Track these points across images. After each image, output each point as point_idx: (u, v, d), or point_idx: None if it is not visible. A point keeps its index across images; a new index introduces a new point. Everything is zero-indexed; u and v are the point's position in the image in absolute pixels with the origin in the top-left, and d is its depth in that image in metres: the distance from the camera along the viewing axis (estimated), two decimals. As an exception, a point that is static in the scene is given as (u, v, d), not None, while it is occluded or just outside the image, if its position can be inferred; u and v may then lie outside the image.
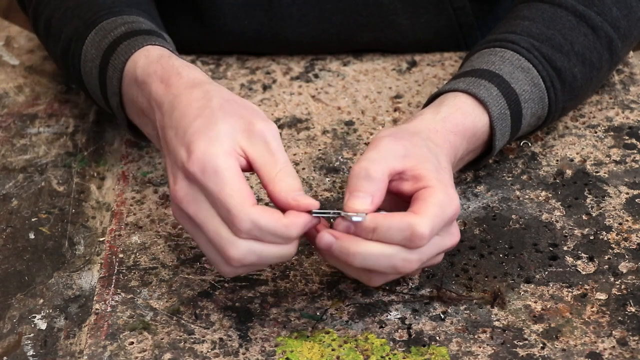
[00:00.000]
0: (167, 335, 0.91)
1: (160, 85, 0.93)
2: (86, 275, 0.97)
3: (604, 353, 0.89)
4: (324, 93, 1.17)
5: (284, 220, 0.85)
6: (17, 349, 0.91)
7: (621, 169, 1.06)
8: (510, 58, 1.02)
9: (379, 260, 0.86)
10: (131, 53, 0.98)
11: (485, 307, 0.93)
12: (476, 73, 1.01)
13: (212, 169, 0.85)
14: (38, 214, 1.03)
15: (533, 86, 1.02)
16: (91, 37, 1.03)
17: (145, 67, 0.96)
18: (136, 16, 1.04)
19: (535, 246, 0.98)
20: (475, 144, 1.00)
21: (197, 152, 0.85)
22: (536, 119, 1.04)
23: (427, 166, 0.90)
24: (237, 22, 1.19)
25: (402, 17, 1.19)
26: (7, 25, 1.31)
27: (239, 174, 0.85)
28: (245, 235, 0.84)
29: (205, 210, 0.86)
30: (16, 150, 1.11)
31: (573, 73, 1.04)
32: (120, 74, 0.99)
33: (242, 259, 0.85)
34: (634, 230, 1.00)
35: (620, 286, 0.95)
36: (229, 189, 0.84)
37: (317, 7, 1.18)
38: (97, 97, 1.05)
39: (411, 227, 0.85)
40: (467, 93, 0.99)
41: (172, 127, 0.89)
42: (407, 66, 1.21)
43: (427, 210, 0.86)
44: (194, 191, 0.86)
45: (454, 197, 0.89)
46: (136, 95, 0.97)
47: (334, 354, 0.89)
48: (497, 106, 0.99)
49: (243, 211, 0.84)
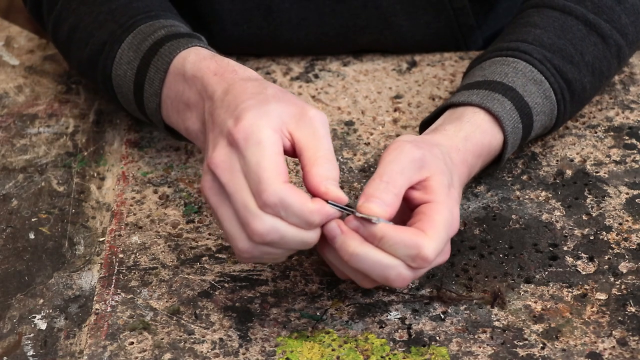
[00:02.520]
0: (167, 335, 0.91)
1: (214, 77, 0.94)
2: (86, 276, 0.97)
3: (604, 353, 0.89)
4: (324, 93, 1.17)
5: (310, 205, 0.85)
6: (17, 349, 0.91)
7: (621, 169, 1.06)
8: (523, 70, 1.02)
9: (374, 268, 0.86)
10: (176, 53, 0.99)
11: (485, 307, 0.93)
12: (489, 85, 1.01)
13: (255, 139, 0.85)
14: (38, 214, 1.03)
15: (545, 99, 1.02)
16: (129, 40, 1.04)
17: (196, 62, 0.97)
18: (172, 20, 1.05)
19: (535, 246, 0.98)
20: (486, 161, 1.01)
21: (245, 121, 0.86)
22: (542, 130, 1.04)
23: (440, 179, 0.90)
24: (237, 27, 1.19)
25: (402, 18, 1.19)
26: (7, 26, 1.31)
27: (279, 151, 0.86)
28: (271, 211, 0.84)
29: (238, 180, 0.85)
30: (16, 150, 1.11)
31: (583, 84, 1.04)
32: (163, 75, 1.00)
33: (265, 234, 0.84)
34: (634, 230, 1.00)
35: (620, 286, 0.95)
36: (266, 161, 0.84)
37: (315, 10, 1.18)
38: (128, 100, 1.05)
39: (418, 248, 0.85)
40: (481, 108, 0.99)
41: (222, 107, 0.90)
42: (407, 66, 1.21)
43: (436, 232, 0.87)
44: (232, 159, 0.86)
45: (456, 217, 0.90)
46: (182, 90, 0.98)
47: (334, 354, 0.89)
48: (510, 121, 1.00)
49: (273, 185, 0.84)
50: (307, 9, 1.18)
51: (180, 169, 1.08)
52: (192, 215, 1.02)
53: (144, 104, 1.03)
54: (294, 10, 1.18)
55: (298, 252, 0.98)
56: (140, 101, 1.03)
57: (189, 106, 0.97)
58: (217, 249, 0.99)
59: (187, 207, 1.03)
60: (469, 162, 0.97)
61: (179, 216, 1.02)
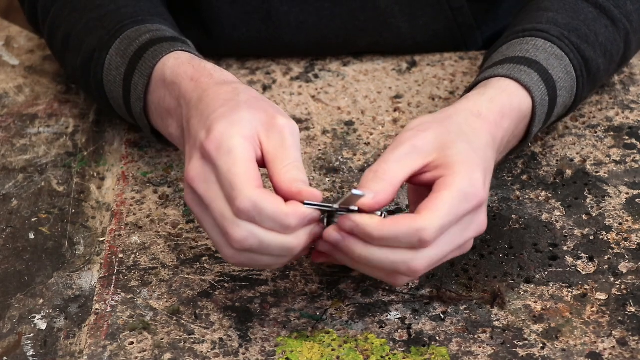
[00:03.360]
0: (167, 335, 0.91)
1: (190, 83, 0.95)
2: (86, 275, 0.97)
3: (604, 353, 0.89)
4: (324, 93, 1.17)
5: (284, 208, 0.84)
6: (17, 349, 0.91)
7: (621, 169, 1.06)
8: (543, 46, 1.02)
9: (383, 266, 0.86)
10: (159, 58, 1.00)
11: (485, 307, 0.93)
12: (513, 60, 1.00)
13: (226, 148, 0.85)
14: (38, 214, 1.03)
15: (566, 74, 1.01)
16: (116, 46, 1.04)
17: (175, 68, 0.98)
18: (159, 24, 1.05)
19: (535, 246, 0.98)
20: (519, 128, 0.98)
21: (216, 132, 0.86)
22: (563, 108, 1.04)
23: (450, 152, 0.88)
24: (236, 30, 1.19)
25: (400, 20, 1.19)
26: (7, 25, 1.31)
27: (250, 158, 0.86)
28: (245, 217, 0.84)
29: (213, 190, 0.86)
30: (16, 150, 1.11)
31: (597, 64, 1.04)
32: (147, 79, 1.00)
33: (243, 241, 0.84)
34: (634, 230, 1.00)
35: (620, 286, 0.95)
36: (237, 168, 0.85)
37: (314, 13, 1.18)
38: (119, 105, 1.05)
39: (418, 234, 0.84)
40: (509, 78, 0.98)
41: (196, 115, 0.90)
42: (407, 66, 1.21)
43: (436, 210, 0.85)
44: (206, 171, 0.86)
45: (477, 183, 0.86)
46: (163, 96, 0.98)
47: (334, 354, 0.89)
48: (539, 91, 0.98)
49: (245, 191, 0.84)
50: (306, 12, 1.18)
51: (180, 169, 1.08)
52: (192, 215, 1.02)
53: (132, 109, 1.03)
54: (293, 14, 1.18)
55: (298, 252, 0.98)
56: (128, 106, 1.03)
57: (170, 113, 0.98)
58: (217, 249, 0.99)
59: (187, 207, 1.03)
60: (499, 123, 0.94)
61: (179, 216, 1.02)
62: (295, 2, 1.17)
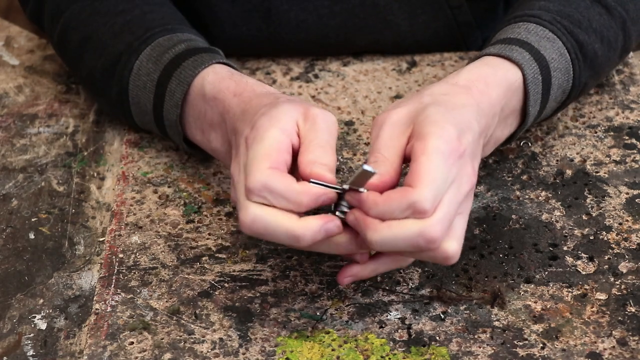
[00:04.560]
0: (167, 335, 0.91)
1: (234, 99, 0.97)
2: (86, 275, 0.97)
3: (604, 353, 0.89)
4: (324, 93, 1.17)
5: (296, 186, 0.85)
6: (17, 349, 0.91)
7: (621, 169, 1.06)
8: (534, 29, 1.02)
9: (401, 244, 0.84)
10: (201, 68, 1.01)
11: (485, 307, 0.93)
12: (504, 41, 1.00)
13: (260, 137, 0.87)
14: (38, 214, 1.03)
15: (560, 56, 1.02)
16: (147, 52, 1.05)
17: (215, 83, 0.99)
18: (188, 34, 1.07)
19: (535, 246, 0.98)
20: (512, 101, 0.97)
21: (257, 125, 0.89)
22: (561, 93, 1.03)
23: (420, 118, 0.87)
24: (236, 28, 1.19)
25: (400, 18, 1.19)
26: (7, 25, 1.31)
27: (278, 146, 0.87)
28: (257, 198, 0.84)
29: (240, 175, 0.88)
30: (16, 150, 1.11)
31: (594, 49, 1.04)
32: (186, 87, 1.01)
33: (249, 225, 0.85)
34: (634, 230, 1.00)
35: (620, 286, 0.95)
36: (260, 153, 0.86)
37: (314, 12, 1.18)
38: (143, 112, 1.06)
39: (411, 206, 0.83)
40: (499, 56, 0.98)
41: (242, 120, 0.92)
42: (407, 66, 1.21)
43: (424, 178, 0.84)
44: (241, 160, 0.89)
45: (449, 137, 0.85)
46: (204, 111, 1.00)
47: (334, 354, 0.89)
48: (530, 69, 0.98)
49: (257, 171, 0.85)
50: (306, 10, 1.18)
51: (180, 169, 1.08)
52: (192, 215, 1.02)
53: (163, 115, 1.04)
54: (292, 12, 1.18)
55: (297, 252, 0.98)
56: (159, 113, 1.04)
57: (213, 127, 0.99)
58: (217, 249, 0.99)
59: (187, 207, 1.03)
60: (480, 88, 0.93)
61: (179, 216, 1.02)
62: (295, 0, 1.17)
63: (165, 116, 1.04)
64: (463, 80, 0.95)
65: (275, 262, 0.97)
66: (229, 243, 0.99)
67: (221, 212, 1.02)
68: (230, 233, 1.00)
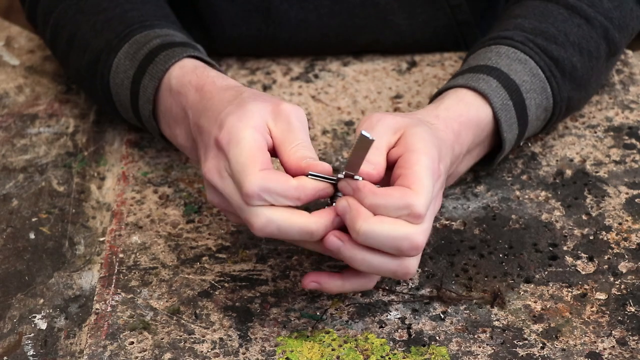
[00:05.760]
0: (167, 335, 0.91)
1: (195, 94, 0.96)
2: (86, 275, 0.97)
3: (603, 353, 0.89)
4: (324, 93, 1.17)
5: (292, 182, 0.85)
6: (17, 348, 0.91)
7: (621, 169, 1.06)
8: (506, 52, 1.03)
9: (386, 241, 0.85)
10: (171, 63, 1.01)
11: (485, 307, 0.93)
12: (473, 69, 1.02)
13: (236, 140, 0.87)
14: (38, 214, 1.04)
15: (532, 76, 1.02)
16: (125, 49, 1.05)
17: (179, 77, 0.99)
18: (167, 29, 1.07)
19: (535, 246, 0.98)
20: (480, 137, 1.00)
21: (228, 125, 0.88)
22: (543, 110, 1.04)
23: (415, 131, 0.90)
24: (236, 28, 1.19)
25: (400, 17, 1.19)
26: (7, 26, 1.31)
27: (259, 146, 0.87)
28: (256, 201, 0.85)
29: (227, 182, 0.87)
30: (16, 150, 1.11)
31: (572, 62, 1.04)
32: (157, 82, 1.01)
33: (262, 228, 0.85)
34: (634, 230, 1.00)
35: (620, 286, 0.95)
36: (244, 157, 0.86)
37: (314, 11, 1.19)
38: (125, 108, 1.06)
39: (409, 207, 0.85)
40: (467, 88, 1.00)
41: (206, 117, 0.92)
42: (407, 66, 1.21)
43: (421, 184, 0.86)
44: (220, 164, 0.88)
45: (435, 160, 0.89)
46: (170, 106, 1.00)
47: (334, 353, 0.89)
48: (498, 97, 1.00)
49: (250, 176, 0.85)
50: (306, 9, 1.18)
51: (180, 169, 1.08)
52: (192, 215, 1.02)
53: (139, 111, 1.04)
54: (292, 12, 1.18)
55: (297, 252, 0.98)
56: (136, 109, 1.04)
57: (177, 122, 0.99)
58: (217, 249, 0.99)
59: (187, 207, 1.03)
60: (456, 130, 0.96)
61: (179, 216, 1.02)
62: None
63: (141, 112, 1.04)
64: (442, 115, 0.97)
65: (275, 262, 0.97)
66: (229, 243, 0.99)
67: (221, 212, 1.02)
68: (230, 233, 1.00)
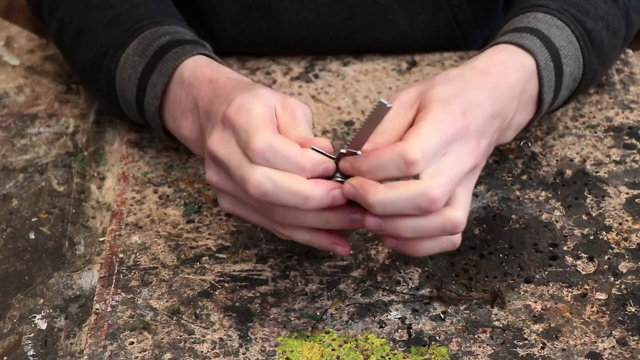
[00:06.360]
0: (167, 335, 0.91)
1: (208, 85, 0.97)
2: (86, 275, 0.97)
3: (603, 353, 0.89)
4: (324, 93, 1.17)
5: (299, 149, 0.86)
6: (17, 349, 0.91)
7: (621, 169, 1.06)
8: (543, 18, 1.02)
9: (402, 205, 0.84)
10: (182, 59, 1.01)
11: (485, 307, 0.93)
12: (514, 30, 1.01)
13: (246, 109, 0.87)
14: (38, 214, 1.03)
15: (569, 43, 1.02)
16: (133, 45, 1.05)
17: (193, 70, 1.00)
18: (176, 27, 1.07)
19: (535, 246, 0.98)
20: (529, 87, 0.98)
21: (237, 100, 0.89)
22: (572, 80, 1.03)
23: (428, 94, 0.89)
24: (236, 26, 1.19)
25: (400, 16, 1.19)
26: (7, 26, 1.31)
27: (270, 117, 0.87)
28: (260, 158, 0.84)
29: (233, 149, 0.87)
30: (16, 150, 1.11)
31: (601, 37, 1.04)
32: (167, 79, 1.01)
33: (259, 185, 0.84)
34: (634, 230, 1.00)
35: (620, 286, 0.95)
36: (254, 120, 0.86)
37: (315, 9, 1.19)
38: (128, 104, 1.06)
39: (402, 156, 0.84)
40: (510, 44, 0.98)
41: (217, 103, 0.93)
42: (407, 66, 1.21)
43: (418, 133, 0.85)
44: (225, 135, 0.88)
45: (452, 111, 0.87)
46: (180, 97, 1.00)
47: (334, 353, 0.89)
48: (542, 55, 0.99)
49: (261, 133, 0.85)
50: (307, 7, 1.18)
51: (180, 169, 1.08)
52: (192, 215, 1.02)
53: (144, 107, 1.04)
54: (293, 9, 1.18)
55: (298, 253, 0.98)
56: (140, 105, 1.04)
57: (185, 114, 0.99)
58: (217, 249, 0.99)
59: (187, 207, 1.03)
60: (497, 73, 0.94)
61: (179, 216, 1.02)
62: None
63: (146, 107, 1.04)
64: (482, 65, 0.95)
65: (275, 262, 0.97)
66: (229, 243, 0.99)
67: (221, 212, 1.02)
68: (230, 233, 1.00)
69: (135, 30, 1.06)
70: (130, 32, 1.06)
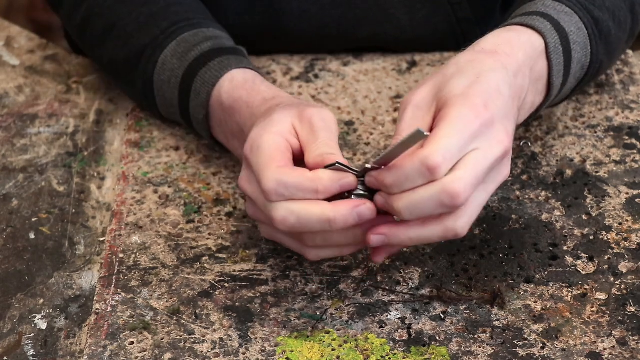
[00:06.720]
0: (167, 335, 0.91)
1: (247, 110, 0.99)
2: (86, 275, 0.97)
3: (603, 353, 0.89)
4: (324, 93, 1.17)
5: (308, 174, 0.86)
6: (17, 348, 0.91)
7: (621, 169, 1.06)
8: (552, 5, 1.02)
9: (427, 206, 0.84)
10: (226, 71, 1.03)
11: (485, 307, 0.93)
12: (524, 14, 1.00)
13: (256, 146, 0.89)
14: (38, 214, 1.03)
15: (578, 30, 1.01)
16: (172, 47, 1.06)
17: (230, 92, 1.02)
18: (213, 29, 1.08)
19: (535, 246, 0.98)
20: (538, 66, 0.97)
21: (250, 136, 0.91)
22: (580, 68, 1.03)
23: (443, 93, 0.88)
24: (239, 18, 1.20)
25: (400, 12, 1.20)
26: (7, 26, 1.31)
27: (278, 148, 0.89)
28: (275, 197, 0.86)
29: (256, 188, 0.89)
30: (16, 150, 1.11)
31: (608, 27, 1.04)
32: (210, 88, 1.03)
33: (282, 221, 0.86)
34: (634, 230, 1.00)
35: (620, 286, 0.95)
36: (263, 158, 0.88)
37: (316, 2, 1.19)
38: (169, 105, 1.08)
39: (424, 163, 0.84)
40: (520, 25, 0.98)
41: None
42: (407, 66, 1.21)
43: (438, 135, 0.85)
44: (248, 173, 0.90)
45: (474, 105, 0.86)
46: (224, 120, 1.02)
47: (334, 354, 0.89)
48: (552, 37, 0.98)
49: (267, 173, 0.87)
50: (309, 1, 1.19)
51: (180, 169, 1.08)
52: (192, 215, 1.02)
53: (190, 113, 1.06)
54: (295, 2, 1.19)
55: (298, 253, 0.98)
56: (185, 109, 1.06)
57: (234, 135, 1.02)
58: (217, 249, 0.99)
59: (187, 207, 1.03)
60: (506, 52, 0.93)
61: (179, 216, 1.02)
62: None
63: (192, 114, 1.05)
64: (489, 45, 0.94)
65: (275, 262, 0.97)
66: (229, 243, 0.99)
67: (221, 212, 1.02)
68: (230, 233, 1.00)
69: (173, 31, 1.07)
70: (168, 33, 1.07)
